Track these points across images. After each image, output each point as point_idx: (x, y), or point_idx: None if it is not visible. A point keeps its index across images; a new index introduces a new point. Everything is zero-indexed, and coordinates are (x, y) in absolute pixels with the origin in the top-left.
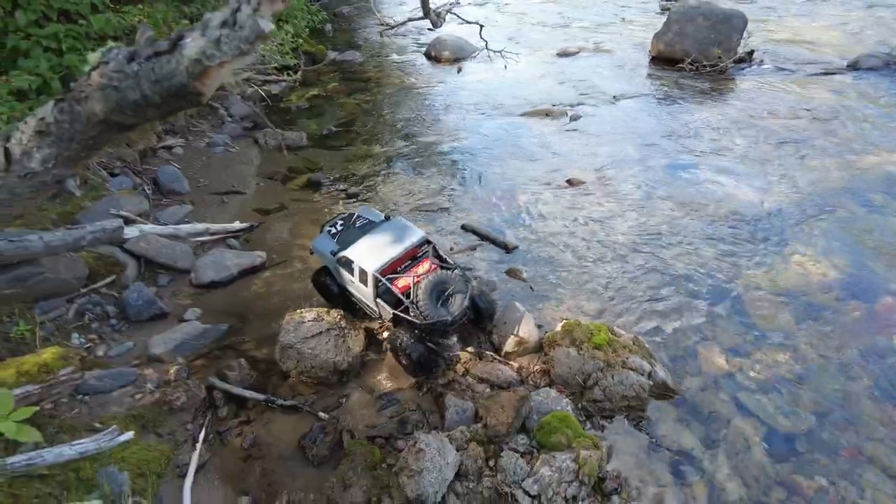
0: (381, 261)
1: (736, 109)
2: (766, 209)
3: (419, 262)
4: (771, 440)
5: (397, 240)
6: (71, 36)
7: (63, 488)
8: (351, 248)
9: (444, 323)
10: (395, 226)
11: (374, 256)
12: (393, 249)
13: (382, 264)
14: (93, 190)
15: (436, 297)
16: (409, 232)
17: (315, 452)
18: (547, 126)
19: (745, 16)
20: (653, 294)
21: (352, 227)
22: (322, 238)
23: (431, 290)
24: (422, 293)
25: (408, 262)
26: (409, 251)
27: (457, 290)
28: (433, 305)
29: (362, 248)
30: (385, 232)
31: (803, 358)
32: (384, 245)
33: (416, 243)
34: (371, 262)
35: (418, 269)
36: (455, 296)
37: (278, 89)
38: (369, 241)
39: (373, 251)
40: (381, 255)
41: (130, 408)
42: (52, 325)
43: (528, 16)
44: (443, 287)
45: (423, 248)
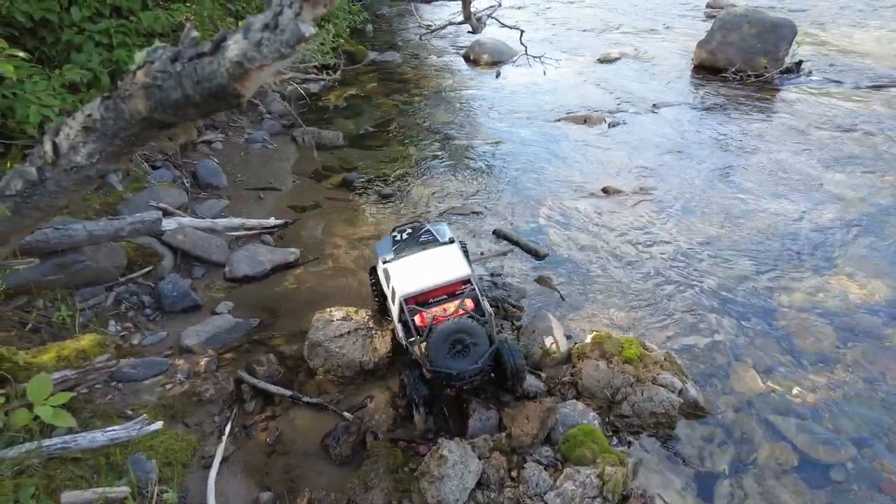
0: (414, 287)
1: (780, 122)
2: (809, 226)
3: (454, 300)
4: (805, 467)
5: (440, 270)
6: (121, 32)
7: (94, 472)
8: (396, 262)
9: (446, 375)
10: (447, 253)
11: (410, 279)
12: (430, 279)
13: (414, 291)
14: (134, 182)
15: (449, 345)
16: (455, 265)
17: (338, 452)
18: (584, 133)
19: (794, 25)
20: (687, 309)
21: (414, 240)
22: (385, 241)
23: (446, 337)
24: (434, 336)
25: (443, 297)
26: (447, 286)
27: (476, 344)
28: (442, 353)
29: (404, 265)
30: (434, 257)
31: (844, 383)
32: (425, 271)
33: (456, 280)
34: (403, 285)
35: (449, 309)
36: (472, 350)
37: (317, 88)
38: (414, 261)
39: (411, 273)
40: (416, 281)
41: (161, 397)
42: (90, 312)
43: (569, 20)
44: (459, 337)
45: (463, 287)
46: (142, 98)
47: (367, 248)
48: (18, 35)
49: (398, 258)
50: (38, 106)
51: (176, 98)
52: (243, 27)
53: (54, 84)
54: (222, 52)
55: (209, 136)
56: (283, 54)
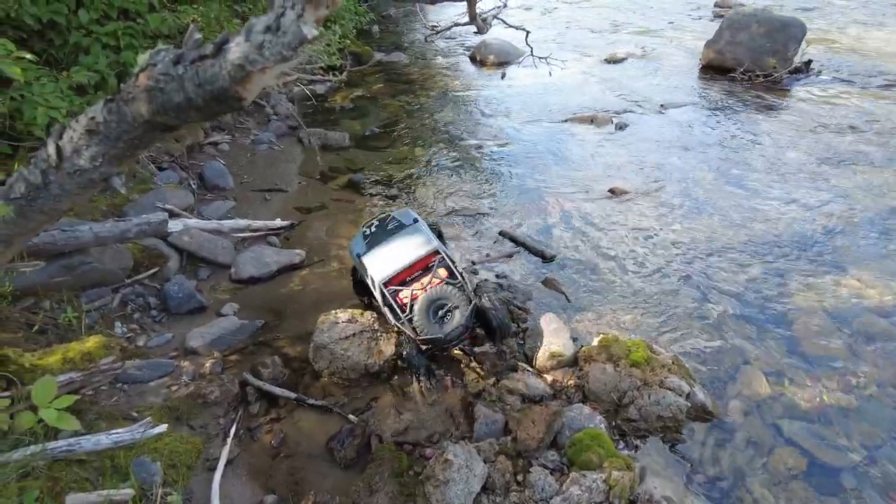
0: (388, 271)
1: (790, 122)
2: (820, 227)
3: (429, 274)
4: (815, 473)
5: (408, 249)
6: (128, 34)
7: (99, 474)
8: (369, 254)
9: (437, 340)
10: (413, 234)
11: (383, 265)
12: (401, 260)
13: (388, 275)
14: (141, 183)
15: (432, 312)
16: (421, 241)
17: (343, 455)
18: (591, 133)
19: (804, 24)
20: (695, 312)
21: (382, 230)
22: (356, 239)
23: (427, 306)
24: (417, 308)
25: (418, 273)
26: (418, 262)
27: (458, 307)
28: (428, 321)
29: (376, 254)
30: (401, 239)
31: (855, 387)
32: (395, 254)
33: (425, 254)
34: (379, 272)
35: (424, 282)
36: (454, 312)
37: (323, 89)
38: (384, 248)
39: (383, 260)
40: (388, 265)
41: (166, 399)
42: (96, 314)
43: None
44: (440, 303)
45: (434, 259)
46: (144, 101)
47: None
48: (27, 37)
49: (371, 250)
50: (46, 108)
51: (178, 101)
52: (245, 29)
53: (62, 86)
54: (224, 54)
55: (215, 138)
56: (285, 56)
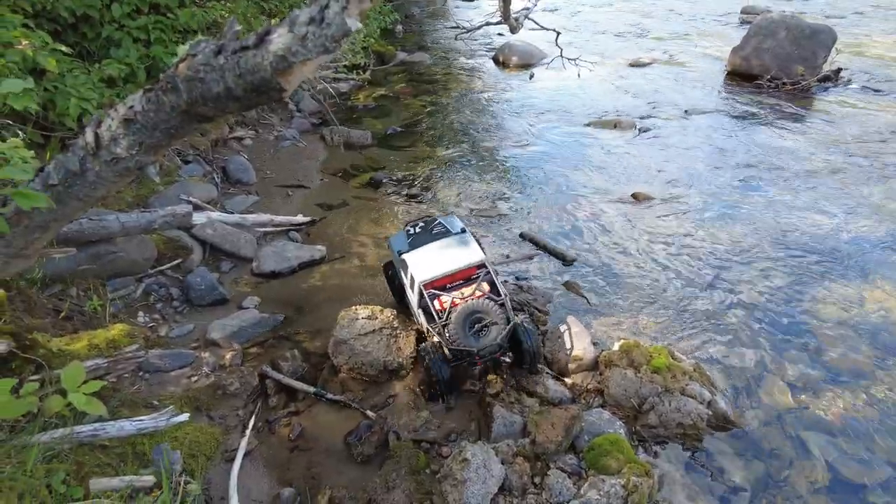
0: (431, 273)
1: (817, 131)
2: (846, 238)
3: (471, 285)
4: (837, 487)
5: (455, 256)
6: (158, 28)
7: (121, 460)
8: (412, 252)
9: (468, 352)
10: (460, 241)
11: (427, 267)
12: (447, 265)
13: (431, 277)
14: (167, 175)
15: (469, 324)
16: (469, 251)
17: (360, 450)
18: (614, 138)
19: (833, 31)
20: (717, 320)
21: (427, 233)
22: (399, 236)
23: (466, 317)
24: (454, 317)
25: (460, 282)
26: (463, 271)
27: (495, 323)
28: (463, 332)
29: (421, 255)
30: (448, 245)
31: (880, 401)
32: (441, 258)
33: (472, 264)
34: (421, 272)
35: (465, 292)
36: (491, 328)
37: (347, 87)
38: (429, 250)
39: (428, 261)
40: (433, 267)
41: (187, 389)
42: (120, 303)
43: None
44: (478, 316)
45: (479, 272)
46: (183, 91)
47: None
48: (61, 30)
49: (414, 249)
50: (78, 99)
51: (217, 91)
52: (288, 20)
53: (93, 78)
54: (266, 45)
55: (240, 133)
56: (328, 49)
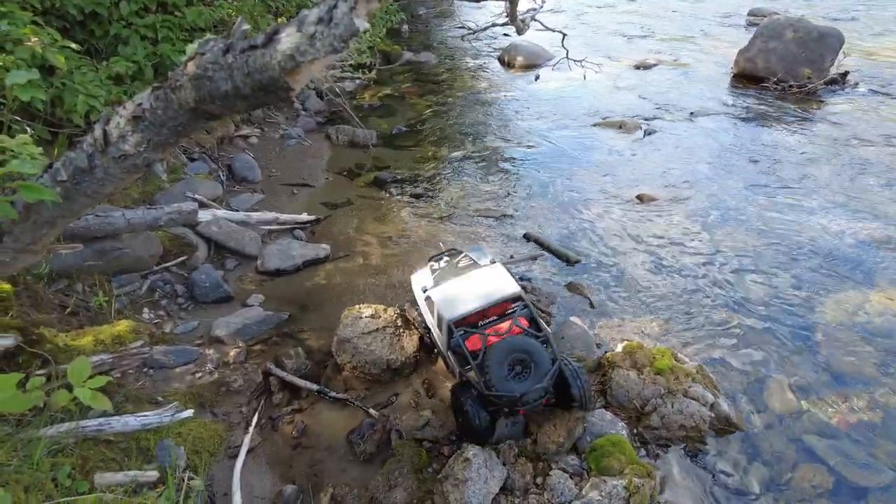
0: (461, 310)
1: (823, 134)
2: (851, 241)
3: (506, 321)
4: (840, 491)
5: (487, 290)
6: (166, 26)
7: (125, 455)
8: (437, 289)
9: (510, 399)
10: (491, 273)
11: (455, 303)
12: (478, 300)
13: (461, 314)
14: (173, 173)
15: (508, 366)
16: (502, 284)
17: (362, 448)
18: (620, 139)
19: (841, 34)
20: (721, 322)
21: (453, 266)
22: (423, 272)
23: (504, 357)
24: (492, 358)
25: (493, 318)
26: (497, 305)
27: (538, 364)
28: (502, 375)
29: (447, 290)
30: (478, 278)
31: (884, 406)
32: (471, 293)
33: (506, 298)
34: (449, 309)
35: (502, 329)
36: (534, 370)
37: (352, 87)
38: (457, 285)
39: (456, 297)
40: (462, 304)
41: (191, 385)
42: (126, 299)
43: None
44: (519, 356)
45: (514, 306)
46: (191, 89)
47: (398, 246)
48: (69, 27)
49: (440, 284)
50: (86, 96)
51: (225, 90)
52: (297, 20)
53: (101, 75)
54: (275, 44)
55: (245, 131)
56: (336, 48)
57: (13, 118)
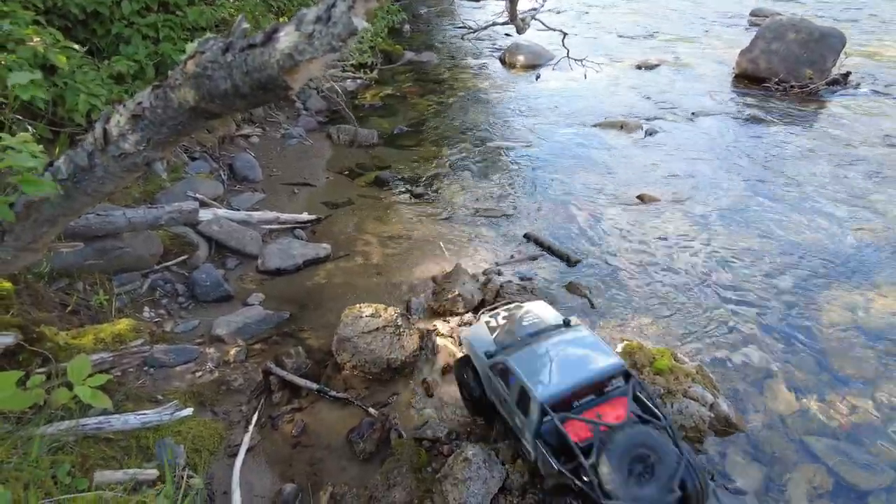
0: (556, 387)
1: (824, 135)
2: (852, 242)
3: (609, 401)
4: (841, 492)
5: (581, 360)
6: (168, 26)
7: (125, 453)
8: (515, 356)
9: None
10: (580, 339)
11: (546, 378)
12: (574, 374)
13: (556, 393)
14: (174, 172)
15: (627, 464)
16: (600, 353)
17: (362, 447)
18: (621, 139)
19: (843, 35)
20: (721, 323)
21: (517, 326)
22: (478, 329)
23: (625, 455)
24: (608, 456)
25: (590, 398)
26: (598, 382)
27: (662, 461)
28: (623, 478)
29: (530, 360)
30: (565, 345)
31: (885, 407)
32: (562, 364)
33: (610, 373)
34: (540, 386)
35: (606, 413)
36: (659, 469)
37: (354, 86)
38: (540, 353)
39: (543, 368)
40: (555, 379)
41: (191, 384)
42: (126, 298)
43: (608, 25)
44: (642, 453)
45: (614, 382)
46: (191, 88)
47: (398, 246)
48: (71, 27)
49: (514, 350)
50: (87, 95)
51: (224, 88)
52: (296, 19)
53: (102, 75)
54: (273, 43)
55: (246, 131)
56: (334, 47)
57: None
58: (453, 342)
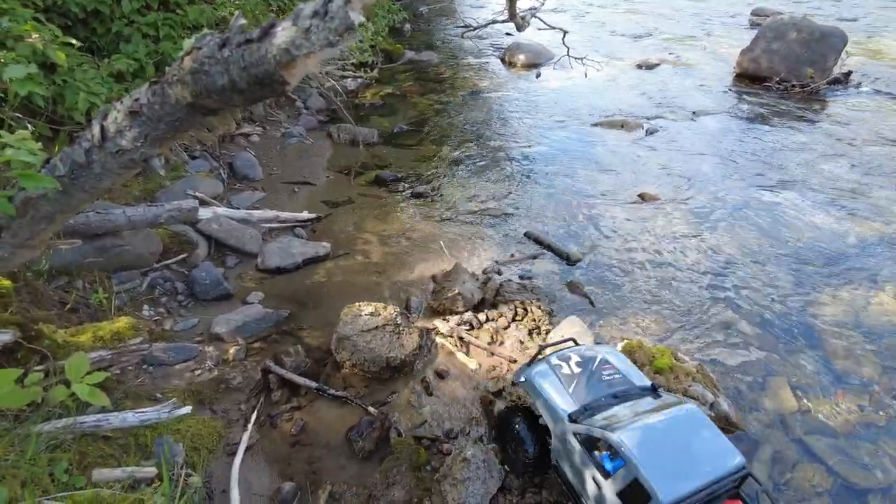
0: (684, 488)
1: (825, 133)
2: (853, 241)
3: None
4: (840, 491)
5: (703, 454)
6: (168, 24)
7: (124, 451)
8: (625, 433)
9: None
10: (692, 421)
11: (668, 469)
12: (701, 470)
13: (685, 494)
14: (173, 170)
15: None
16: (720, 447)
17: (361, 446)
18: (621, 138)
19: (844, 34)
20: (722, 321)
21: (597, 380)
22: (544, 374)
23: None
24: None
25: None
26: (721, 483)
27: None
28: None
29: (644, 440)
30: (676, 426)
31: (885, 406)
32: (683, 455)
33: (735, 473)
34: (663, 481)
35: None
36: None
37: (354, 85)
38: (654, 434)
39: (665, 458)
40: (681, 473)
41: (190, 382)
42: (126, 296)
43: (609, 25)
44: None
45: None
46: (188, 83)
47: (398, 245)
48: (71, 25)
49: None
50: (87, 93)
51: (222, 84)
52: (293, 14)
53: (102, 73)
54: (270, 38)
55: (247, 129)
56: (332, 42)
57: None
58: (452, 342)
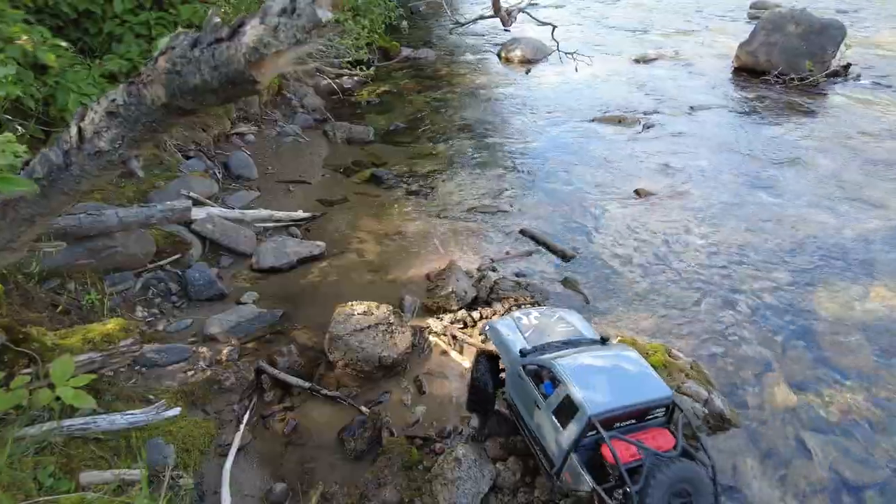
0: (607, 403)
1: (824, 127)
2: (850, 235)
3: (649, 430)
4: (836, 488)
5: (634, 382)
6: (160, 24)
7: (114, 454)
8: (562, 362)
9: None
10: (627, 360)
11: (596, 392)
12: (626, 395)
13: (608, 409)
14: (167, 171)
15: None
16: (652, 378)
17: (353, 446)
18: (618, 134)
19: (843, 27)
20: (717, 317)
21: (552, 330)
22: (506, 324)
23: (669, 486)
24: (655, 485)
25: (631, 422)
26: (646, 407)
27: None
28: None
29: (579, 369)
30: (612, 362)
31: (882, 402)
32: (614, 381)
33: (659, 403)
34: (590, 397)
35: (646, 441)
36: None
37: (350, 83)
38: (590, 365)
39: (595, 383)
40: (606, 396)
41: (182, 383)
42: (119, 297)
43: (608, 20)
44: (686, 488)
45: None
46: (162, 84)
47: (393, 243)
48: (63, 25)
49: (564, 357)
50: (78, 94)
51: (194, 84)
52: (261, 11)
53: (94, 74)
54: (239, 37)
55: (242, 128)
56: (300, 40)
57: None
58: (446, 341)
